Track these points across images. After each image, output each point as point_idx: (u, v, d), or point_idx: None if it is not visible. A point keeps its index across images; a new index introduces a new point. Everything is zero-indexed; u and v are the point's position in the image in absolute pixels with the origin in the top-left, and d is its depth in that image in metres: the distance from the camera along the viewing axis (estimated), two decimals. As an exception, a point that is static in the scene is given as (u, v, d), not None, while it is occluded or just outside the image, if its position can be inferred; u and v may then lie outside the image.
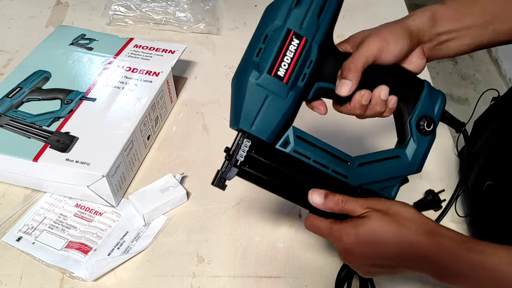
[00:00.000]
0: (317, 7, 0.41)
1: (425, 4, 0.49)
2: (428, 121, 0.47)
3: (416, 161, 0.47)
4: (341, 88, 0.44)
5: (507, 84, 2.06)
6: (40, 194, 0.66)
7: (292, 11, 0.41)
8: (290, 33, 0.41)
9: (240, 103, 0.42)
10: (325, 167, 0.45)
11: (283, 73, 0.41)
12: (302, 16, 0.41)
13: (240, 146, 0.43)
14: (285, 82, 0.41)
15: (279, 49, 0.40)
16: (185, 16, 0.96)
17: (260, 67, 0.41)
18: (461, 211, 0.66)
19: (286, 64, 0.41)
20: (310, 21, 0.41)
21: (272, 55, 0.40)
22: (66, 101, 0.69)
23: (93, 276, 0.56)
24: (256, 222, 0.64)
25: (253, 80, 0.41)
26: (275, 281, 0.58)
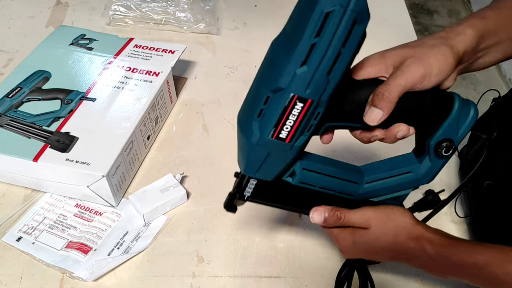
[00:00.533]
0: (327, 65, 0.35)
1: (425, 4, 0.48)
2: (448, 146, 0.43)
3: (427, 177, 0.47)
4: (370, 116, 0.40)
5: (507, 84, 2.06)
6: (40, 194, 0.66)
7: (297, 74, 0.35)
8: (293, 98, 0.37)
9: (244, 154, 0.42)
10: (331, 191, 0.47)
11: (285, 135, 0.39)
12: (308, 79, 0.36)
13: (247, 185, 0.45)
14: (288, 142, 0.40)
15: (282, 114, 0.38)
16: (185, 16, 0.96)
17: (261, 129, 0.39)
18: (461, 211, 0.66)
19: (289, 126, 0.38)
20: (317, 82, 0.36)
21: (273, 120, 0.38)
22: (66, 101, 0.69)
23: (93, 276, 0.56)
24: (256, 222, 0.64)
25: (255, 141, 0.39)
26: (275, 281, 0.58)
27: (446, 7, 2.56)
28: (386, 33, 0.98)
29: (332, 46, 0.34)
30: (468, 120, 0.43)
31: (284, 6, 1.04)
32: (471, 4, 2.54)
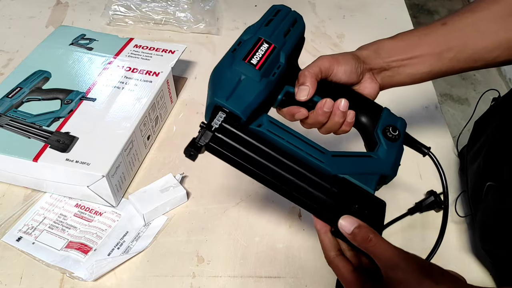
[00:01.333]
0: (283, 28, 0.50)
1: (425, 4, 0.49)
2: (393, 128, 0.49)
3: (388, 161, 0.48)
4: (300, 93, 0.48)
5: (507, 84, 2.06)
6: (40, 194, 0.66)
7: (262, 27, 0.49)
8: (260, 39, 0.48)
9: (217, 84, 0.46)
10: (299, 149, 0.45)
11: (255, 62, 0.46)
12: (271, 31, 0.49)
13: (215, 117, 0.44)
14: (258, 68, 0.46)
15: (252, 47, 0.47)
16: (185, 16, 0.96)
17: (235, 57, 0.46)
18: (461, 211, 0.66)
19: (258, 57, 0.46)
20: (277, 35, 0.49)
21: (245, 50, 0.47)
22: (66, 101, 0.69)
23: (93, 276, 0.56)
24: (256, 222, 0.64)
25: (229, 65, 0.46)
26: (275, 281, 0.58)
27: (446, 7, 2.56)
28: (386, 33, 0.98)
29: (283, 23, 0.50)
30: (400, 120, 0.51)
31: (284, 6, 1.05)
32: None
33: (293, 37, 0.51)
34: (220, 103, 0.44)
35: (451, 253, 0.62)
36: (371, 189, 0.45)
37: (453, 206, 0.66)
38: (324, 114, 0.48)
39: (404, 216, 0.63)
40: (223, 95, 0.44)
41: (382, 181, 0.47)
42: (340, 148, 0.73)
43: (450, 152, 0.74)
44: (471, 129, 0.72)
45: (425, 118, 0.80)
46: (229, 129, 0.44)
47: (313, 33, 0.97)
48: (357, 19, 1.02)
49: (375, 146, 0.48)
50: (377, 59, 0.51)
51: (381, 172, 0.47)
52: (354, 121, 0.49)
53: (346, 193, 0.44)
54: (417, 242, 0.63)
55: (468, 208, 0.66)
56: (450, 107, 1.94)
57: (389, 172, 0.47)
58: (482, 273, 0.60)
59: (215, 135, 0.43)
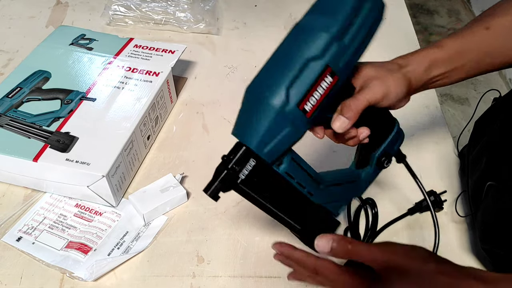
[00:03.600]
0: (360, 48, 0.41)
1: (425, 4, 0.49)
2: (389, 158, 0.51)
3: (365, 187, 0.52)
4: (337, 123, 0.44)
5: (507, 84, 2.06)
6: (40, 194, 0.66)
7: (334, 45, 0.39)
8: (327, 69, 0.39)
9: (257, 122, 0.39)
10: (302, 187, 0.45)
11: (309, 108, 0.40)
12: (342, 54, 0.40)
13: (244, 165, 0.41)
14: (308, 116, 0.40)
15: (314, 83, 0.39)
16: (185, 16, 0.96)
17: (290, 96, 0.38)
18: (462, 211, 0.66)
19: (315, 100, 0.40)
20: (348, 61, 0.40)
21: (305, 88, 0.39)
22: (66, 101, 0.69)
23: (93, 276, 0.56)
24: (256, 222, 0.64)
25: (281, 108, 0.38)
26: (275, 281, 0.58)
27: (446, 7, 2.56)
28: (386, 33, 0.98)
29: (362, 30, 0.40)
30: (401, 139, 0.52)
31: (284, 6, 1.05)
32: (471, 4, 2.54)
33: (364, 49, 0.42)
34: (254, 151, 0.40)
35: (451, 253, 0.62)
36: (337, 212, 0.49)
37: (453, 206, 0.66)
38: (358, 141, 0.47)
39: (404, 216, 0.63)
40: (260, 145, 0.39)
41: None
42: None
43: (450, 152, 0.74)
44: (471, 129, 0.72)
45: (425, 118, 0.80)
46: (256, 180, 0.42)
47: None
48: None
49: (365, 165, 0.51)
50: (426, 77, 0.49)
51: (355, 196, 0.52)
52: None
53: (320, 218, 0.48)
54: (417, 242, 0.63)
55: (468, 208, 0.66)
56: (450, 107, 1.94)
57: (359, 195, 0.52)
58: (482, 273, 0.60)
59: (238, 186, 0.41)
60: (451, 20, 2.46)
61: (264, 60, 0.43)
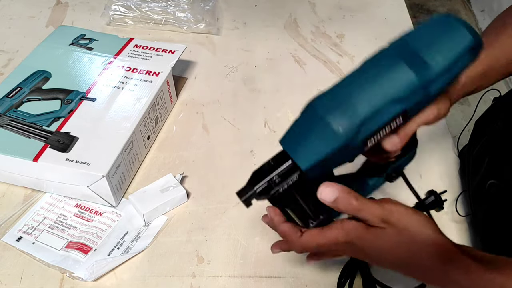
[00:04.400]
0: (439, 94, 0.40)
1: (425, 4, 0.49)
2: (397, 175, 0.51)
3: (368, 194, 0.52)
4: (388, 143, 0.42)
5: (507, 84, 2.06)
6: (40, 194, 0.66)
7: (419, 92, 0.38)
8: (403, 113, 0.38)
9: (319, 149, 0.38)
10: None
11: (371, 144, 0.39)
12: (423, 101, 0.39)
13: (286, 180, 0.40)
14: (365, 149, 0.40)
15: (386, 124, 0.38)
16: (185, 16, 0.96)
17: (360, 133, 0.38)
18: (462, 210, 0.66)
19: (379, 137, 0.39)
20: (424, 105, 0.40)
21: (376, 128, 0.38)
22: (66, 101, 0.69)
23: (93, 276, 0.56)
24: (256, 222, 0.64)
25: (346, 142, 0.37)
26: (275, 281, 0.58)
27: (446, 7, 2.56)
28: (386, 33, 0.98)
29: (451, 81, 0.39)
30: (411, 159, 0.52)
31: (284, 6, 1.05)
32: (471, 4, 2.54)
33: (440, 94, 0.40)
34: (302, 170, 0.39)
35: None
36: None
37: (453, 206, 0.66)
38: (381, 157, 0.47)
39: (404, 216, 0.63)
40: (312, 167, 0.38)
41: None
42: None
43: (450, 152, 0.74)
44: (471, 129, 0.72)
45: (425, 118, 0.80)
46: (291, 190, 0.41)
47: (313, 33, 0.97)
48: (357, 19, 1.02)
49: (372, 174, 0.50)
50: (461, 93, 0.50)
51: None
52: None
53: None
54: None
55: (468, 208, 0.66)
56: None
57: None
58: (482, 273, 0.60)
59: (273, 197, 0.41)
60: (451, 20, 2.46)
61: (264, 60, 0.43)
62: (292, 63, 0.90)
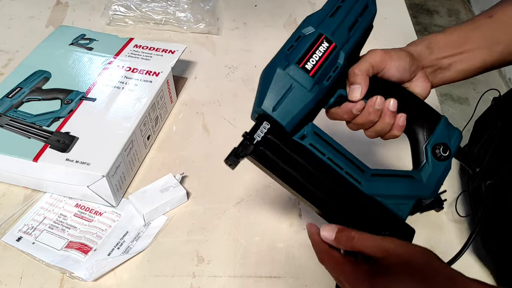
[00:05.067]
0: (349, 21, 0.46)
1: (425, 4, 0.49)
2: (444, 147, 0.47)
3: (430, 184, 0.46)
4: (352, 93, 0.46)
5: (507, 84, 2.06)
6: (40, 194, 0.66)
7: (326, 20, 0.45)
8: (321, 37, 0.44)
9: (266, 88, 0.43)
10: (339, 167, 0.44)
11: (310, 67, 0.43)
12: (334, 26, 0.45)
13: (259, 127, 0.42)
14: (311, 75, 0.43)
15: (310, 46, 0.44)
16: (185, 16, 0.96)
17: (289, 59, 0.43)
18: (462, 211, 0.66)
19: (314, 60, 0.43)
20: (341, 31, 0.45)
21: (302, 50, 0.43)
22: (66, 101, 0.69)
23: (93, 276, 0.56)
24: (256, 222, 0.64)
25: (282, 68, 0.43)
26: (275, 281, 0.58)
27: (446, 7, 2.56)
28: (386, 33, 0.98)
29: (352, 12, 0.46)
30: (456, 134, 0.49)
31: (284, 6, 1.05)
32: (471, 4, 2.54)
33: (360, 30, 0.47)
34: (265, 112, 0.42)
35: (452, 252, 0.62)
36: (404, 215, 0.45)
37: (453, 206, 0.66)
38: (375, 112, 0.46)
39: (404, 216, 0.63)
40: (270, 104, 0.42)
41: (419, 202, 0.47)
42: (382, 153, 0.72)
43: (450, 152, 0.74)
44: (471, 129, 0.72)
45: (425, 118, 0.80)
46: (272, 140, 0.42)
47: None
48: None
49: (421, 162, 0.47)
50: (430, 56, 0.50)
51: (420, 195, 0.46)
52: (406, 126, 0.47)
53: (378, 216, 0.44)
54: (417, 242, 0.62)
55: (468, 208, 0.66)
56: (450, 107, 1.94)
57: (428, 195, 0.46)
58: (482, 273, 0.60)
59: (256, 148, 0.42)
60: (451, 20, 2.46)
61: (264, 60, 0.44)
62: (292, 63, 0.90)
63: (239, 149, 0.41)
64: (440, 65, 0.51)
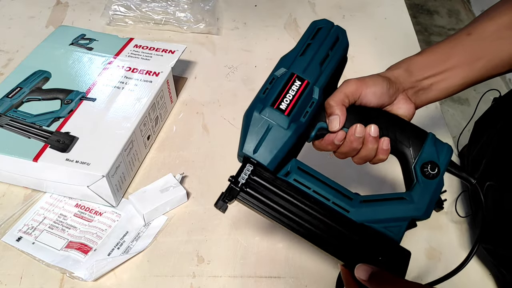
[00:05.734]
0: (320, 57, 0.47)
1: (425, 4, 0.49)
2: (432, 165, 0.47)
3: (422, 205, 0.46)
4: (331, 124, 0.46)
5: (507, 84, 2.06)
6: (40, 194, 0.66)
7: (297, 59, 0.47)
8: (293, 76, 0.46)
9: (246, 132, 0.44)
10: (325, 198, 0.45)
11: (284, 107, 0.44)
12: (305, 64, 0.46)
13: (243, 170, 0.44)
14: (286, 114, 0.44)
15: (283, 87, 0.45)
16: (185, 16, 0.96)
17: (264, 102, 0.44)
18: (462, 211, 0.66)
19: (288, 100, 0.45)
20: (312, 67, 0.46)
21: (276, 92, 0.45)
22: (66, 101, 0.69)
23: (93, 276, 0.56)
24: (256, 222, 0.64)
25: (258, 112, 0.44)
26: (275, 281, 0.58)
27: (446, 7, 2.56)
28: (386, 33, 0.98)
29: (322, 47, 0.48)
30: (445, 150, 0.48)
31: (284, 6, 1.05)
32: (471, 4, 2.55)
33: (332, 63, 0.48)
34: (247, 155, 0.44)
35: (452, 253, 0.62)
36: (398, 237, 0.45)
37: (453, 206, 0.66)
38: (357, 140, 0.47)
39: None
40: (250, 146, 0.44)
41: (412, 223, 0.46)
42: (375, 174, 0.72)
43: (450, 152, 0.74)
44: (471, 129, 0.72)
45: (425, 118, 0.80)
46: (256, 181, 0.44)
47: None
48: (357, 19, 1.02)
49: (412, 182, 0.47)
50: (409, 78, 0.50)
51: (412, 216, 0.46)
52: (391, 148, 0.47)
53: (370, 242, 0.45)
54: (417, 242, 0.63)
55: (468, 208, 0.66)
56: (450, 107, 1.94)
57: (421, 215, 0.46)
58: (482, 273, 0.60)
59: (242, 191, 0.44)
60: (451, 20, 2.46)
61: (264, 60, 0.44)
62: (292, 63, 0.90)
63: (226, 193, 0.43)
64: (421, 86, 0.51)
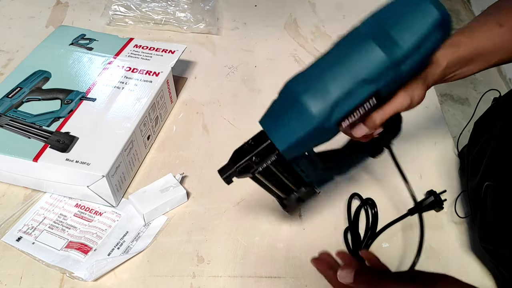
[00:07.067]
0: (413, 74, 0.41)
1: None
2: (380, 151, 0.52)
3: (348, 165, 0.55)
4: (357, 131, 0.45)
5: (507, 84, 2.06)
6: (40, 194, 0.66)
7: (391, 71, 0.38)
8: (375, 93, 0.39)
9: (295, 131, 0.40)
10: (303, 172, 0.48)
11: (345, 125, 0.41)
12: (395, 80, 0.40)
13: (265, 159, 0.42)
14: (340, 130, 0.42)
15: (359, 104, 0.39)
16: (185, 16, 0.96)
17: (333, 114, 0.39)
18: (461, 211, 0.66)
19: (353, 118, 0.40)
20: (398, 85, 0.41)
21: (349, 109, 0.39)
22: (66, 101, 0.69)
23: (93, 276, 0.56)
24: (256, 222, 0.64)
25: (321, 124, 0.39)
26: (275, 281, 0.58)
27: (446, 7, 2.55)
28: (386, 33, 0.98)
29: (423, 59, 0.38)
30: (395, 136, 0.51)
31: (284, 6, 1.05)
32: (471, 4, 2.54)
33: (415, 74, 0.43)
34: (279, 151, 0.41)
35: (452, 253, 0.62)
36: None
37: (453, 206, 0.66)
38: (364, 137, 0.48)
39: (405, 216, 0.63)
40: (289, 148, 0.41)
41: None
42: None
43: (450, 152, 0.74)
44: (471, 129, 0.72)
45: (425, 118, 0.80)
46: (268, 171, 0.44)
47: (313, 33, 0.97)
48: (357, 19, 1.02)
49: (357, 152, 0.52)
50: (442, 76, 0.49)
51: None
52: None
53: None
54: (417, 242, 0.62)
55: (468, 208, 0.66)
56: (450, 107, 1.94)
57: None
58: (482, 273, 0.60)
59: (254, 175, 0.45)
60: (451, 20, 2.46)
61: (264, 60, 0.44)
62: (292, 63, 0.90)
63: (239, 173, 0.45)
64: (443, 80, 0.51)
